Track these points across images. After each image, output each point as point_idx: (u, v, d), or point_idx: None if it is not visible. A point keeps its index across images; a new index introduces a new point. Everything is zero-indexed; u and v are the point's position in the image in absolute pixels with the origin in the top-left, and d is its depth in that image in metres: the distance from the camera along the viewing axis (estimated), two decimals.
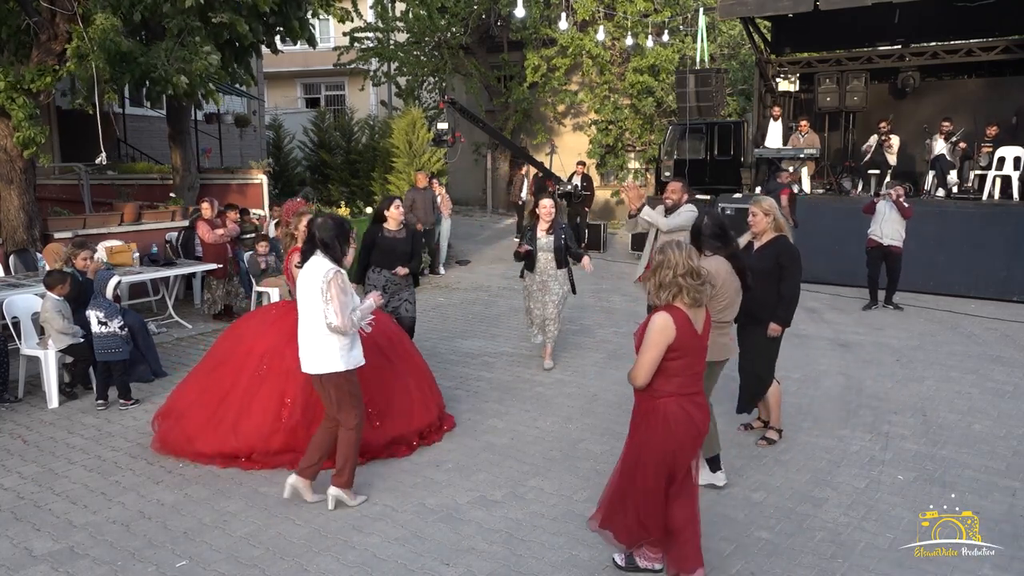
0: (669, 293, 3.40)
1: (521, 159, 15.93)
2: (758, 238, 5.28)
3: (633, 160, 19.92)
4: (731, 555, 4.03)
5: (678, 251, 3.42)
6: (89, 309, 6.19)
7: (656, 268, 3.45)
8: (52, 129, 13.53)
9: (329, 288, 4.16)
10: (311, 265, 4.29)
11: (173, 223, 10.46)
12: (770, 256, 5.15)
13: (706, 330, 3.54)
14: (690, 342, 3.41)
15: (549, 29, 18.46)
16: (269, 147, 21.14)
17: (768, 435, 5.53)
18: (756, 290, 4.96)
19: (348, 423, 4.41)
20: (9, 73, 7.99)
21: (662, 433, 3.47)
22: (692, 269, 3.40)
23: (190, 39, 9.06)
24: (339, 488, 4.49)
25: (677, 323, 3.37)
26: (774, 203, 5.32)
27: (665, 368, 3.41)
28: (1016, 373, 7.23)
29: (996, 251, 10.50)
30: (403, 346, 5.69)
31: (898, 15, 12.15)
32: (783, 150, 13.05)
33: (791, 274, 5.15)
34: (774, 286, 5.12)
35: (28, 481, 4.93)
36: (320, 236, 4.28)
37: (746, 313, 4.96)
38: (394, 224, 6.53)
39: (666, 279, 3.40)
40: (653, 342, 3.37)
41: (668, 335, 3.35)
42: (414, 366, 5.63)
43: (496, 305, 10.41)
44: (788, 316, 5.23)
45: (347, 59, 19.44)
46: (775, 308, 5.16)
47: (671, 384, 3.45)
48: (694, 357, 3.48)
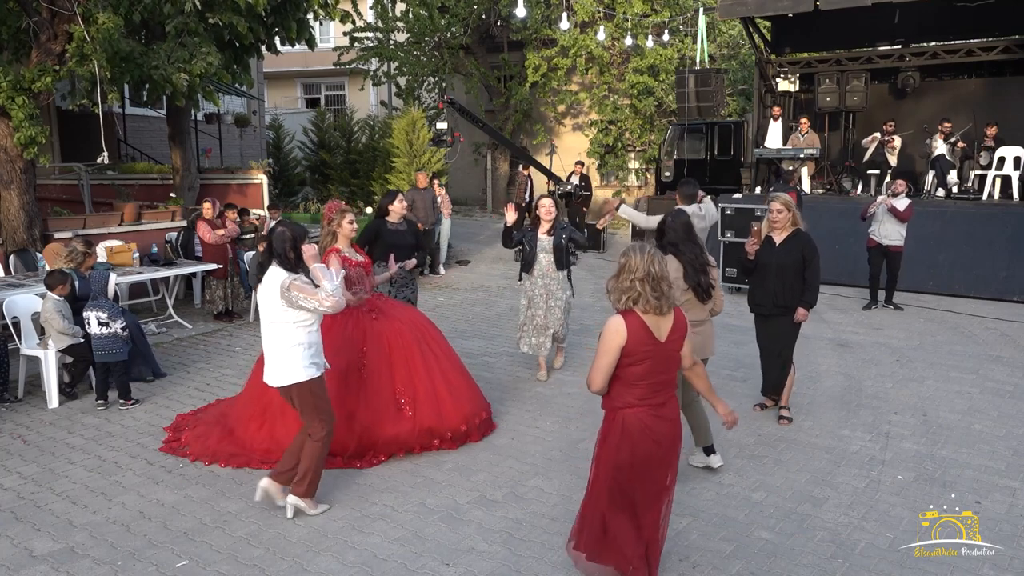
0: (628, 298, 3.25)
1: (521, 159, 15.94)
2: (777, 233, 5.71)
3: (633, 160, 19.92)
4: (731, 555, 4.02)
5: (640, 255, 3.26)
6: (89, 310, 6.19)
7: (617, 272, 3.32)
8: (52, 129, 13.54)
9: (290, 290, 4.09)
10: (268, 277, 4.21)
11: (173, 223, 10.46)
12: (795, 249, 5.61)
13: (674, 337, 3.34)
14: (646, 349, 3.24)
15: (549, 30, 18.45)
16: (269, 147, 21.14)
17: (783, 413, 5.93)
18: (783, 282, 5.61)
19: (315, 433, 4.31)
20: (9, 73, 7.99)
21: (615, 444, 3.32)
22: (653, 274, 3.24)
23: (190, 40, 9.06)
24: (298, 497, 4.38)
25: (630, 328, 3.22)
26: (789, 198, 5.75)
27: (624, 376, 3.28)
28: (1016, 373, 7.23)
29: (996, 251, 10.51)
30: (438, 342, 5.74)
31: (898, 15, 12.16)
32: (783, 150, 13.07)
33: (816, 263, 5.62)
34: (799, 276, 5.61)
35: (28, 481, 4.93)
36: (274, 247, 4.21)
37: (775, 303, 5.68)
38: (396, 218, 6.55)
39: (625, 284, 3.26)
40: (604, 348, 3.25)
41: (619, 341, 3.22)
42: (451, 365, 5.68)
43: (496, 305, 10.41)
44: (814, 300, 5.70)
45: (347, 59, 19.44)
46: (801, 295, 5.62)
47: (631, 394, 3.29)
48: (656, 364, 3.29)
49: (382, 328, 5.40)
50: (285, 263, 4.19)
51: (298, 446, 4.43)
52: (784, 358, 5.85)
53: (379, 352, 5.31)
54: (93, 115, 8.24)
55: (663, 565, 3.90)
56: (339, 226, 5.41)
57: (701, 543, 4.14)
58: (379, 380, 5.26)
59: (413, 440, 5.24)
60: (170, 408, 6.24)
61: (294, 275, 4.16)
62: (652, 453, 3.30)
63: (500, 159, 21.31)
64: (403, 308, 5.86)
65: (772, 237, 5.72)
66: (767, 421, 5.94)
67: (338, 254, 5.35)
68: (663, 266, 3.29)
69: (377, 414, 5.18)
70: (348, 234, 5.47)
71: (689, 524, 4.34)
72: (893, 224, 9.46)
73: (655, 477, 3.37)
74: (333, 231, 5.47)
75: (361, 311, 5.40)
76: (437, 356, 5.57)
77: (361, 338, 5.30)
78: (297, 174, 21.35)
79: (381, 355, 5.31)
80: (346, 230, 5.45)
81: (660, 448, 3.33)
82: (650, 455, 3.30)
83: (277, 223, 4.51)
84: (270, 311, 4.23)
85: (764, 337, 5.97)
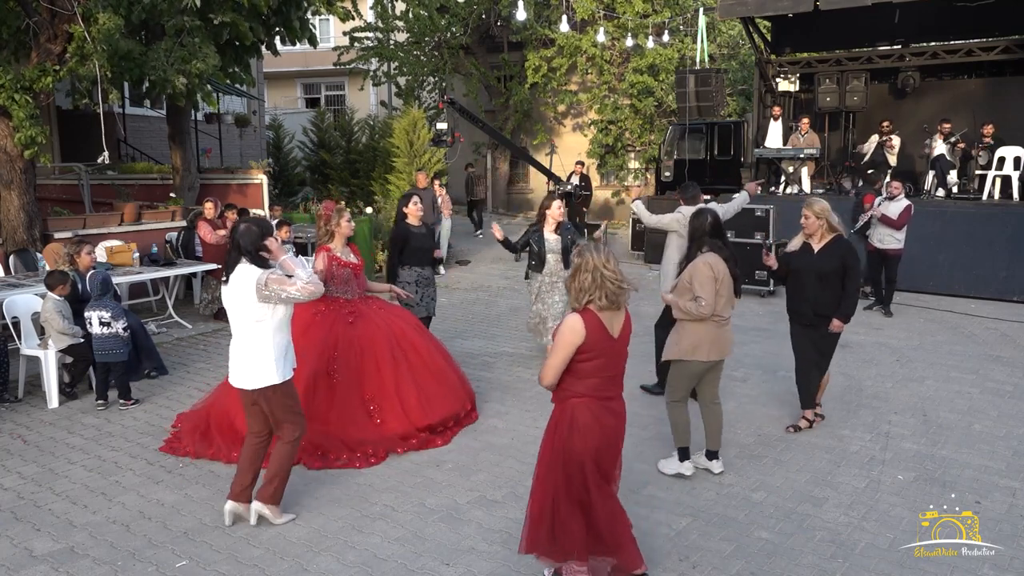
0: (587, 296, 3.37)
1: (521, 159, 15.94)
2: (814, 240, 5.41)
3: (633, 160, 19.92)
4: (731, 555, 4.02)
5: (596, 255, 3.38)
6: (90, 310, 6.19)
7: (574, 271, 3.43)
8: (52, 129, 13.53)
9: (267, 286, 3.95)
10: (238, 275, 4.05)
11: (173, 223, 10.46)
12: (835, 256, 5.33)
13: (625, 334, 3.48)
14: (602, 344, 3.37)
15: (548, 30, 18.45)
16: (269, 147, 21.13)
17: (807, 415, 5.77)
18: (824, 289, 5.36)
19: (286, 435, 4.22)
20: (9, 72, 7.99)
21: (565, 435, 3.41)
22: (609, 273, 3.35)
23: (189, 40, 9.06)
24: (263, 503, 4.25)
25: (587, 326, 3.34)
26: (826, 206, 5.40)
27: (577, 369, 3.38)
28: (1016, 373, 7.23)
29: (996, 251, 10.50)
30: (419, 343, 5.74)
31: (898, 15, 12.14)
32: (783, 150, 13.06)
33: (855, 273, 5.38)
34: (839, 285, 5.35)
35: (28, 481, 4.93)
36: (244, 245, 4.04)
37: (815, 312, 5.42)
38: (415, 220, 6.59)
39: (585, 283, 3.36)
40: (561, 344, 3.36)
41: (576, 339, 3.33)
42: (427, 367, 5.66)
43: (496, 305, 10.41)
44: (851, 310, 5.45)
45: (347, 59, 19.44)
46: (838, 305, 5.38)
47: (582, 385, 3.41)
48: (609, 360, 3.42)
49: (356, 334, 5.41)
50: (256, 260, 4.05)
51: (248, 458, 4.29)
52: (822, 368, 5.66)
53: (350, 359, 5.32)
54: (93, 115, 8.24)
55: (663, 565, 3.91)
56: (337, 225, 5.43)
57: (701, 543, 4.14)
58: (348, 386, 5.27)
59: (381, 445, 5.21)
60: (170, 408, 6.24)
61: (268, 270, 4.04)
62: (600, 443, 3.43)
63: (500, 159, 21.31)
64: (387, 311, 5.82)
65: (810, 243, 5.44)
66: (767, 421, 5.94)
67: (328, 253, 5.35)
68: (618, 264, 3.42)
69: (344, 420, 5.19)
70: (346, 234, 5.49)
71: (689, 524, 4.34)
72: (887, 228, 9.36)
73: (604, 467, 3.49)
74: (331, 231, 5.48)
75: (339, 315, 5.40)
76: (411, 361, 5.56)
77: (334, 344, 5.31)
78: (297, 174, 21.33)
79: (352, 362, 5.32)
80: (344, 230, 5.46)
81: (606, 439, 3.46)
82: (599, 445, 3.43)
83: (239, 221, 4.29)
84: (244, 311, 4.06)
85: (805, 345, 5.61)
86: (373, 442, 5.19)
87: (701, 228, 4.85)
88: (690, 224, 4.99)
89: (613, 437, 3.50)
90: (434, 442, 5.42)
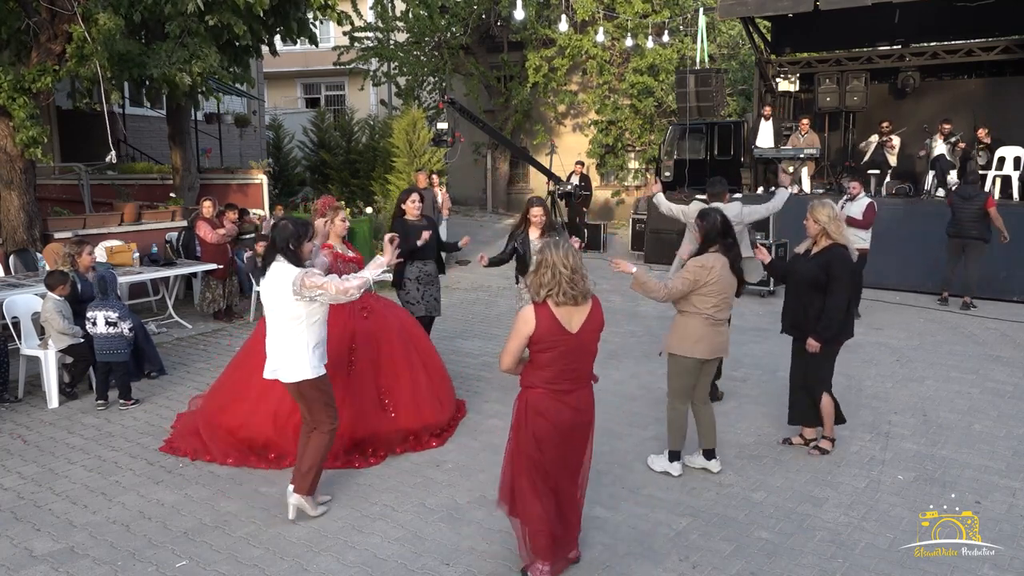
0: (546, 291, 3.48)
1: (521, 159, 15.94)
2: (816, 244, 5.03)
3: (633, 160, 19.93)
4: (731, 555, 4.02)
5: (555, 251, 3.49)
6: (95, 309, 6.18)
7: (536, 267, 3.55)
8: (52, 129, 13.54)
9: (304, 285, 4.00)
10: (274, 272, 4.11)
11: (173, 223, 10.46)
12: (819, 265, 4.90)
13: (588, 328, 3.56)
14: (554, 338, 3.48)
15: (548, 30, 18.45)
16: (269, 147, 21.14)
17: (821, 444, 5.30)
18: (799, 300, 5.04)
19: (323, 427, 4.31)
20: (9, 73, 7.99)
21: (521, 420, 3.61)
22: (568, 268, 3.46)
23: (190, 40, 9.05)
24: (301, 495, 4.33)
25: (539, 319, 3.48)
26: (834, 214, 4.95)
27: (535, 360, 3.58)
28: (1016, 373, 7.23)
29: (996, 251, 10.49)
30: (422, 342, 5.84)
31: (898, 15, 12.14)
32: (783, 150, 13.06)
33: (837, 287, 4.86)
34: (818, 297, 4.91)
35: (28, 481, 4.93)
36: (280, 242, 4.12)
37: (791, 323, 5.15)
38: (413, 215, 6.60)
39: (544, 278, 3.48)
40: (514, 333, 3.56)
41: (527, 328, 3.49)
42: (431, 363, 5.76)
43: (496, 305, 10.41)
44: (828, 331, 4.92)
45: (347, 59, 19.43)
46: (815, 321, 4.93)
47: (538, 376, 3.57)
48: (566, 354, 3.53)
49: (372, 327, 5.44)
50: (291, 257, 4.13)
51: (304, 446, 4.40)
52: (808, 391, 5.18)
53: (368, 351, 5.35)
54: (93, 115, 8.25)
55: (663, 565, 3.91)
56: (331, 223, 5.44)
57: (701, 543, 4.14)
58: (364, 379, 5.30)
59: (394, 440, 5.29)
60: (170, 408, 6.24)
61: (304, 269, 4.12)
62: (551, 433, 3.57)
63: (500, 159, 21.31)
64: (394, 308, 5.90)
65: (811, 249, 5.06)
66: (767, 421, 5.94)
67: (331, 250, 5.37)
68: (578, 260, 3.53)
69: (361, 412, 5.20)
70: (340, 232, 5.51)
71: (689, 524, 4.34)
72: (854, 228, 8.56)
73: (560, 454, 3.63)
74: (327, 230, 5.49)
75: (354, 309, 5.42)
76: (422, 358, 5.67)
77: (351, 336, 5.33)
78: (297, 174, 21.32)
79: (369, 354, 5.35)
80: (339, 228, 5.48)
81: (558, 430, 3.58)
82: (549, 434, 3.57)
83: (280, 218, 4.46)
84: (280, 308, 4.13)
85: (793, 361, 5.28)
86: (383, 436, 5.23)
87: (714, 228, 4.79)
88: (702, 225, 4.89)
89: (569, 430, 3.62)
90: (430, 443, 5.45)
